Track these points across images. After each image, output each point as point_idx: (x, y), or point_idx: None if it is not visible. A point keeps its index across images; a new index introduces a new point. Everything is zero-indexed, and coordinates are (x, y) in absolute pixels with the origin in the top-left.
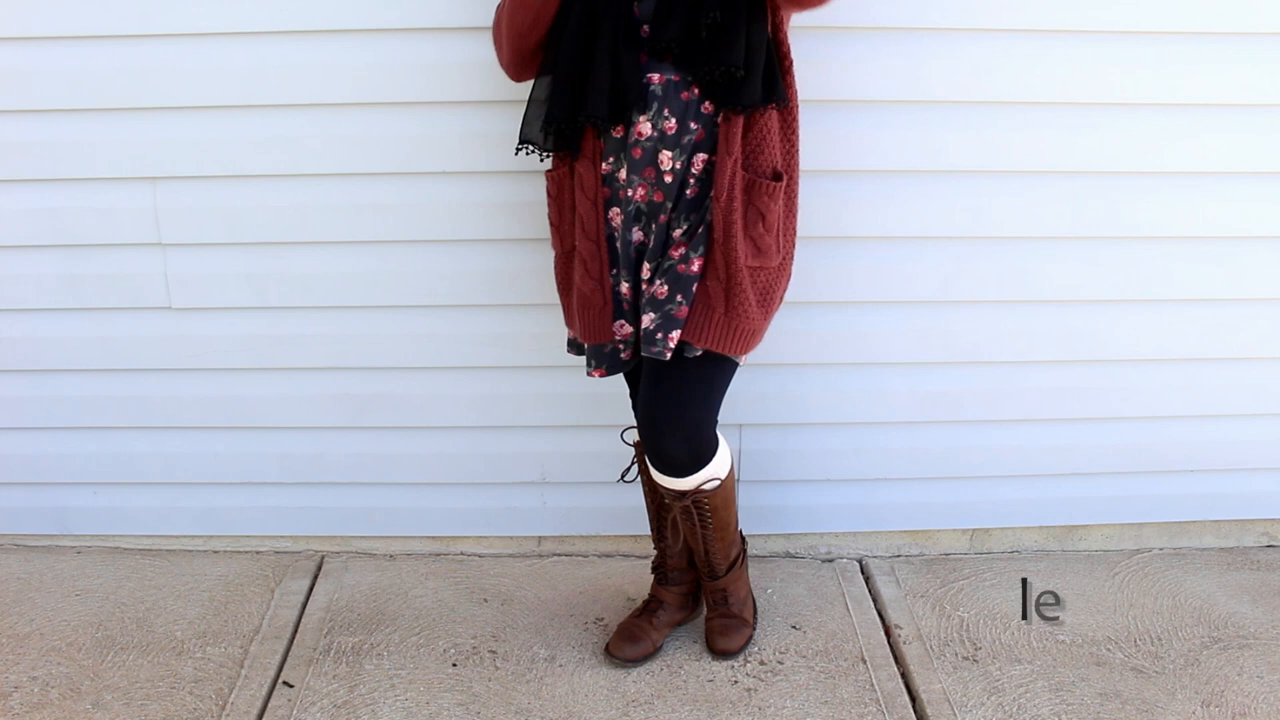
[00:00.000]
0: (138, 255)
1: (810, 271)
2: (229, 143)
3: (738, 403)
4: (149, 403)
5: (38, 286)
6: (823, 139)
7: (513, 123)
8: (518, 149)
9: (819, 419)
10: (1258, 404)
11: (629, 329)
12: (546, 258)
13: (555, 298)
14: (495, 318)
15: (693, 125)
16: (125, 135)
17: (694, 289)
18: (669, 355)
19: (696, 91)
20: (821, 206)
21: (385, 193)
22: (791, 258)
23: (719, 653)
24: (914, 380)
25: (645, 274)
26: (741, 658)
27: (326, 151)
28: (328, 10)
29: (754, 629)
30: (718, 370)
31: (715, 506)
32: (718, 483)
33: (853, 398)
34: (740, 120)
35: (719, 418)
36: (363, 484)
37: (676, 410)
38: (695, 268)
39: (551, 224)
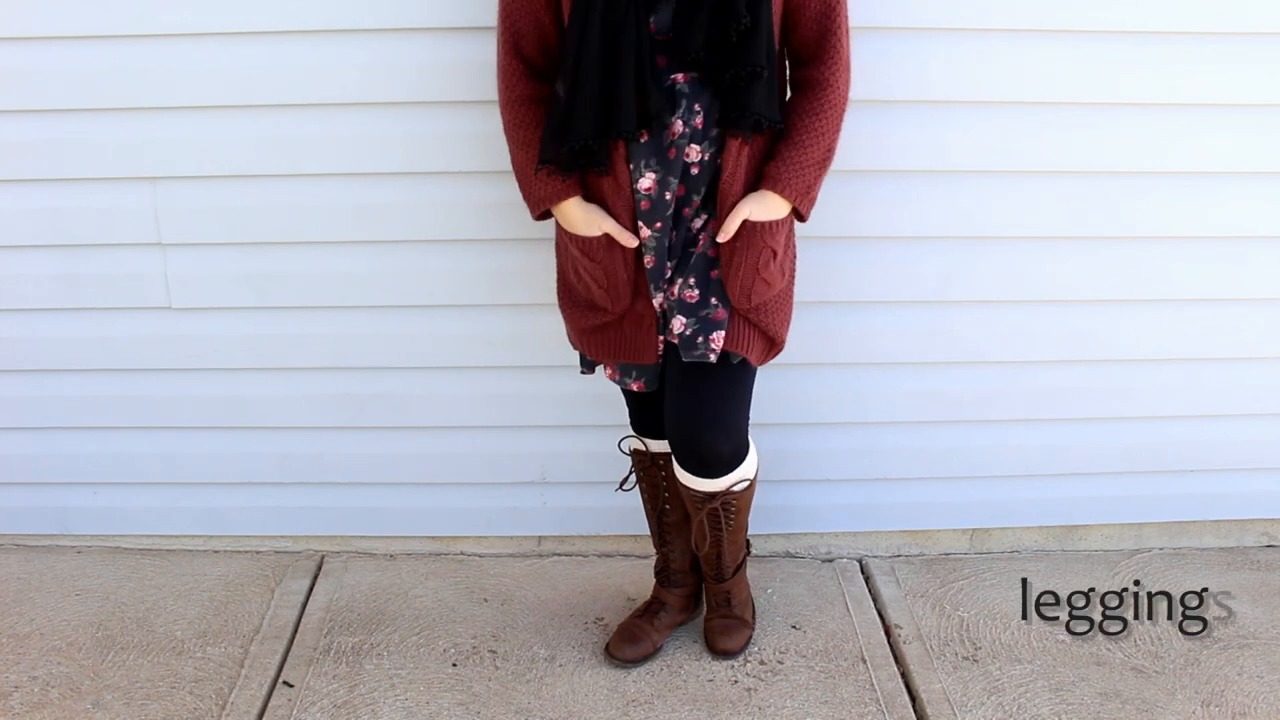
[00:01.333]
0: (138, 255)
1: (810, 271)
2: (229, 143)
3: None
4: (149, 403)
5: (37, 286)
6: None
7: None
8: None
9: (819, 419)
10: (1258, 404)
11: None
12: (546, 258)
13: (554, 297)
14: (495, 318)
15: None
16: (125, 135)
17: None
18: (714, 358)
19: None
20: (822, 206)
21: (385, 193)
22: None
23: (720, 652)
24: (914, 380)
25: (667, 273)
26: (741, 658)
27: (326, 151)
28: (327, 10)
29: (753, 629)
30: (749, 367)
31: (740, 508)
32: (747, 483)
33: (854, 398)
34: (748, 146)
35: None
36: (363, 484)
37: (720, 407)
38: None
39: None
